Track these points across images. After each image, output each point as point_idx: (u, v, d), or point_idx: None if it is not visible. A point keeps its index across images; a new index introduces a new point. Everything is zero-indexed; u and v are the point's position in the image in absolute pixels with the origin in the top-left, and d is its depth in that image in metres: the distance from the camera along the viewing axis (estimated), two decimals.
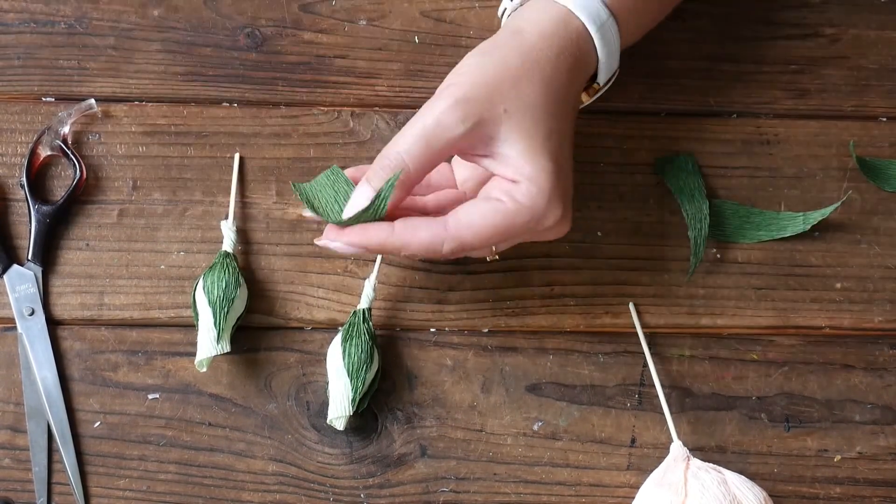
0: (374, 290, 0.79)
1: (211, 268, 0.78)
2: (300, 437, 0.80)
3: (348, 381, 0.77)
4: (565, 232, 0.74)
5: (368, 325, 0.78)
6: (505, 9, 0.78)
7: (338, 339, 0.78)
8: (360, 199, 0.71)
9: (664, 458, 0.79)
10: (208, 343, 0.76)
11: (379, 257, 0.79)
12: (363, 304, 0.79)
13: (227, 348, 0.77)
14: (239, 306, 0.78)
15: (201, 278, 0.78)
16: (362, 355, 0.77)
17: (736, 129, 0.85)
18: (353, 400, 0.77)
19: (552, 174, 0.71)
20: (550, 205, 0.71)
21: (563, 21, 0.73)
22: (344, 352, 0.77)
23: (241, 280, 0.78)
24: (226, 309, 0.77)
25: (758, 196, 0.84)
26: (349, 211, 0.72)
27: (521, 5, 0.76)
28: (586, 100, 0.79)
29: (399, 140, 0.70)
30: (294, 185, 0.74)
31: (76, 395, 0.79)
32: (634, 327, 0.81)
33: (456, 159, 0.78)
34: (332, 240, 0.73)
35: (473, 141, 0.71)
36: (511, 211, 0.71)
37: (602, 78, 0.76)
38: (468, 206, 0.71)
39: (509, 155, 0.71)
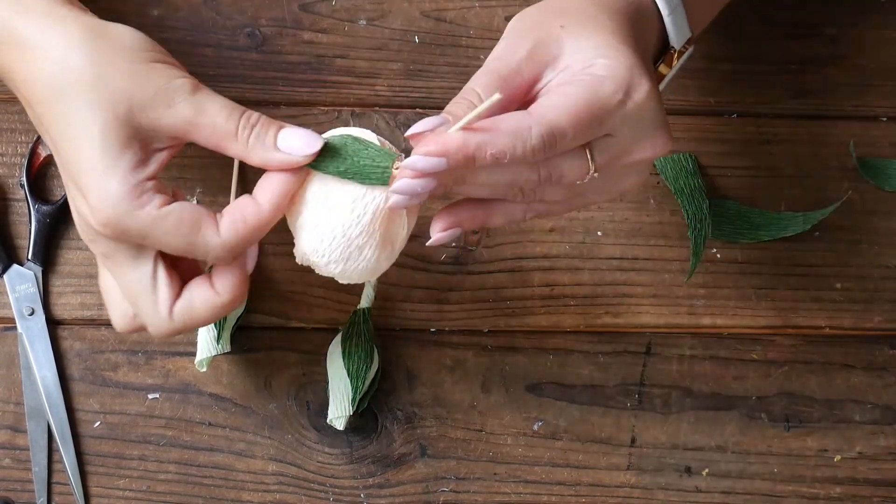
0: (375, 289, 0.79)
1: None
2: (300, 437, 0.80)
3: (348, 381, 0.77)
4: (664, 147, 0.65)
5: (369, 324, 0.78)
6: None
7: (338, 339, 0.78)
8: (430, 120, 0.63)
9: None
10: (208, 343, 0.76)
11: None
12: (364, 303, 0.79)
13: (227, 348, 0.77)
14: (239, 306, 0.78)
15: None
16: (363, 355, 0.77)
17: (736, 129, 0.85)
18: (354, 400, 0.77)
19: (628, 51, 0.64)
20: (633, 73, 0.63)
21: None
22: (344, 352, 0.77)
23: None
24: None
25: (758, 196, 0.84)
26: (418, 127, 0.63)
27: None
28: (666, 71, 0.73)
29: (472, 80, 0.65)
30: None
31: (76, 395, 0.80)
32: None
33: None
34: (409, 166, 0.63)
35: (539, 64, 0.65)
36: (593, 83, 0.63)
37: (675, 40, 0.71)
38: (549, 93, 0.64)
39: (577, 57, 0.65)
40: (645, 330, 0.82)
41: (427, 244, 0.66)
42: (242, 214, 0.64)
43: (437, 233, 0.66)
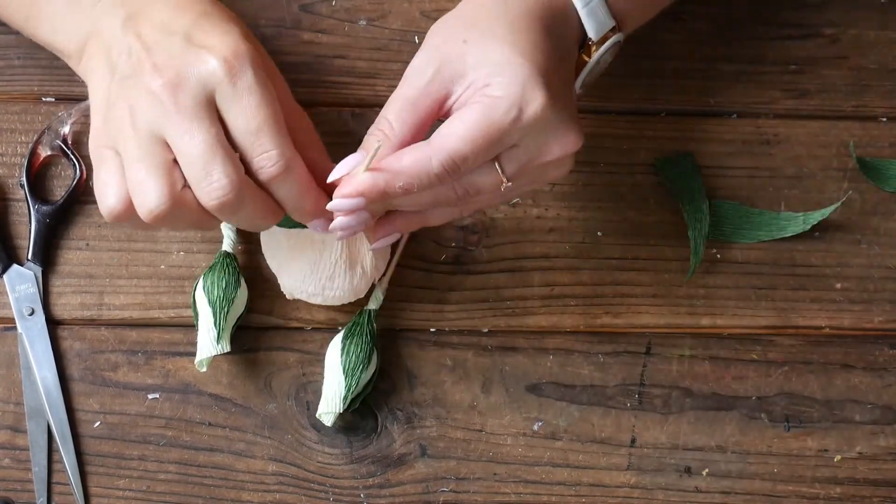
0: (384, 292, 0.79)
1: (211, 268, 0.78)
2: (300, 437, 0.80)
3: (343, 378, 0.77)
4: (574, 146, 0.70)
5: (372, 326, 0.78)
6: None
7: (339, 336, 0.78)
8: (350, 160, 0.70)
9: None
10: (208, 343, 0.76)
11: (394, 261, 0.79)
12: (371, 305, 0.79)
13: (227, 348, 0.77)
14: (239, 306, 0.78)
15: (201, 278, 0.78)
16: (361, 354, 0.77)
17: (736, 129, 0.85)
18: (345, 398, 0.77)
19: (524, 65, 0.68)
20: (526, 89, 0.67)
21: None
22: (343, 349, 0.77)
23: (241, 280, 0.78)
24: (226, 309, 0.77)
25: (758, 196, 0.84)
26: (338, 171, 0.69)
27: None
28: (587, 60, 0.75)
29: (385, 108, 0.70)
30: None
31: (76, 395, 0.80)
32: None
33: None
34: (327, 208, 0.70)
35: (446, 83, 0.69)
36: (488, 105, 0.67)
37: (592, 32, 0.73)
38: (449, 121, 0.69)
39: (479, 73, 0.69)
40: (645, 330, 0.82)
41: (370, 248, 0.75)
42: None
43: (376, 242, 0.73)
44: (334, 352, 0.78)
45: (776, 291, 0.83)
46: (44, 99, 0.83)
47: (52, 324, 0.80)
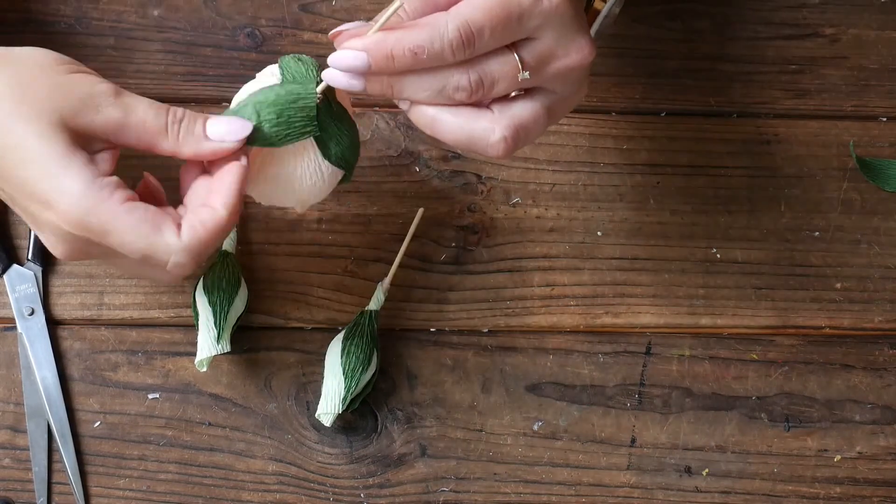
0: (385, 293, 0.79)
1: (211, 268, 0.78)
2: (300, 437, 0.80)
3: (343, 378, 0.77)
4: (590, 54, 0.67)
5: (373, 327, 0.78)
6: None
7: (340, 336, 0.78)
8: (357, 23, 0.67)
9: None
10: (208, 343, 0.76)
11: (396, 262, 0.79)
12: (372, 305, 0.79)
13: (228, 348, 0.77)
14: (239, 306, 0.78)
15: (201, 278, 0.78)
16: (361, 356, 0.77)
17: (736, 129, 0.85)
18: (345, 399, 0.77)
19: None
20: None
21: None
22: (343, 350, 0.77)
23: (241, 280, 0.78)
24: (226, 309, 0.77)
25: (758, 196, 0.84)
26: (341, 28, 0.66)
27: None
28: (601, 6, 0.75)
29: None
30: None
31: (76, 395, 0.80)
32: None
33: None
34: (333, 62, 0.65)
35: None
36: None
37: None
38: None
39: None
40: (645, 330, 0.82)
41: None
42: (200, 219, 0.65)
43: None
44: (334, 352, 0.78)
45: (776, 291, 0.83)
46: None
47: (52, 324, 0.80)
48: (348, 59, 0.65)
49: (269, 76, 0.70)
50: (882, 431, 0.82)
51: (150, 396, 0.80)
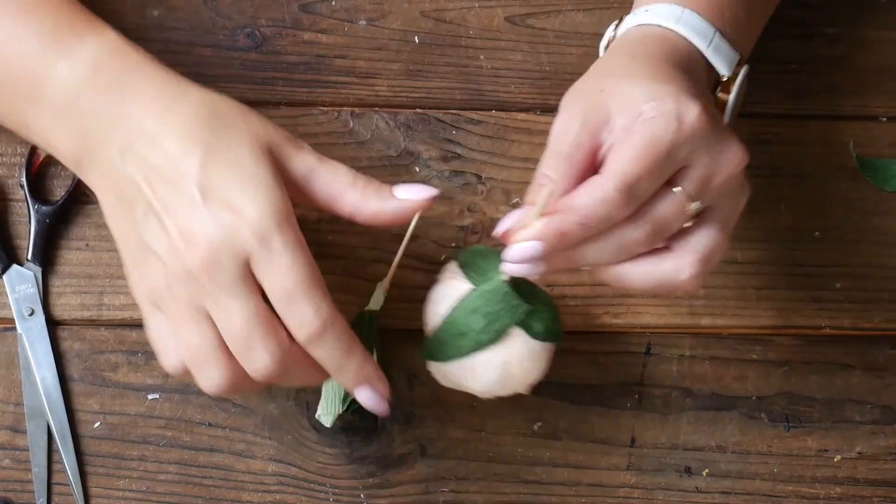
0: (385, 293, 0.79)
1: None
2: (300, 437, 0.80)
3: None
4: (743, 159, 0.68)
5: (374, 328, 0.78)
6: (609, 39, 0.77)
7: None
8: (516, 213, 0.68)
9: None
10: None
11: (395, 262, 0.79)
12: (372, 306, 0.78)
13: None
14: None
15: None
16: None
17: (736, 129, 0.85)
18: (344, 399, 0.77)
19: (670, 88, 0.67)
20: (680, 102, 0.66)
21: (664, 36, 0.73)
22: None
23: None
24: None
25: (758, 196, 0.84)
26: (505, 223, 0.68)
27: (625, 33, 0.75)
28: (726, 97, 0.76)
29: (540, 164, 0.68)
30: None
31: (76, 395, 0.80)
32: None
33: None
34: (510, 258, 0.67)
35: (594, 132, 0.67)
36: (648, 125, 0.66)
37: (724, 68, 0.74)
38: (611, 153, 0.67)
39: (625, 112, 0.67)
40: (645, 330, 0.82)
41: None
42: None
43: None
44: None
45: (776, 291, 0.83)
46: None
47: (52, 324, 0.80)
48: (525, 251, 0.66)
49: (450, 275, 0.74)
50: (882, 431, 0.82)
51: (150, 397, 0.80)
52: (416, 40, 0.84)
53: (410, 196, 0.68)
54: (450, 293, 0.73)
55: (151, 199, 0.65)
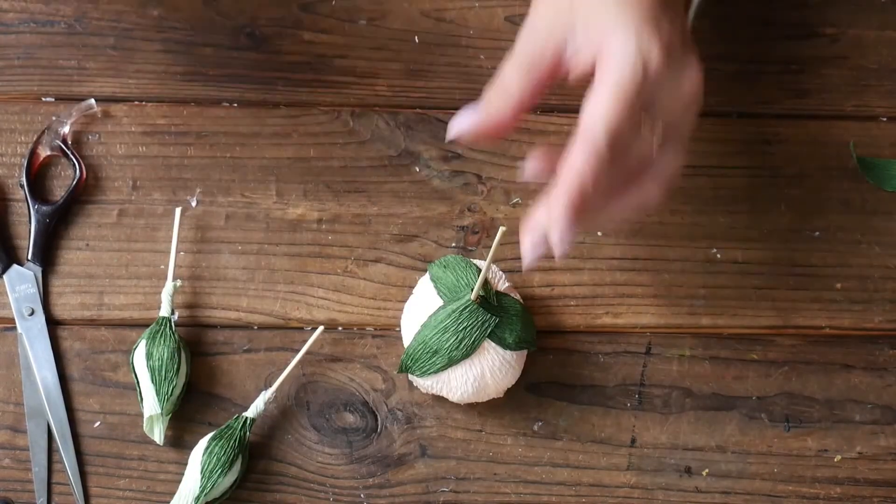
0: (267, 404, 0.77)
1: (151, 335, 0.78)
2: (300, 437, 0.80)
3: (199, 478, 0.75)
4: (698, 76, 0.71)
5: (245, 433, 0.76)
6: None
7: (208, 436, 0.77)
8: (470, 111, 0.70)
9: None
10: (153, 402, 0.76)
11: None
12: (250, 413, 0.77)
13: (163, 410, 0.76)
14: (182, 376, 0.78)
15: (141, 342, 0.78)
16: (223, 458, 0.74)
17: (736, 129, 0.85)
18: (198, 498, 0.75)
19: (633, 12, 0.69)
20: (642, 40, 0.68)
21: None
22: (207, 448, 0.75)
23: (182, 347, 0.78)
24: (171, 378, 0.77)
25: (758, 196, 0.84)
26: (458, 124, 0.70)
27: None
28: None
29: (504, 64, 0.70)
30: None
31: (76, 395, 0.80)
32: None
33: None
34: (556, 241, 0.68)
35: (559, 38, 0.69)
36: (612, 72, 0.68)
37: None
38: (585, 106, 0.69)
39: (590, 30, 0.69)
40: (645, 330, 0.82)
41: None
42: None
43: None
44: (198, 449, 0.76)
45: (776, 291, 0.83)
46: (44, 99, 0.83)
47: (52, 324, 0.80)
48: (560, 228, 0.67)
49: (423, 288, 0.78)
50: (882, 431, 0.82)
51: None
52: (417, 40, 0.84)
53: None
54: (423, 308, 0.76)
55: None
